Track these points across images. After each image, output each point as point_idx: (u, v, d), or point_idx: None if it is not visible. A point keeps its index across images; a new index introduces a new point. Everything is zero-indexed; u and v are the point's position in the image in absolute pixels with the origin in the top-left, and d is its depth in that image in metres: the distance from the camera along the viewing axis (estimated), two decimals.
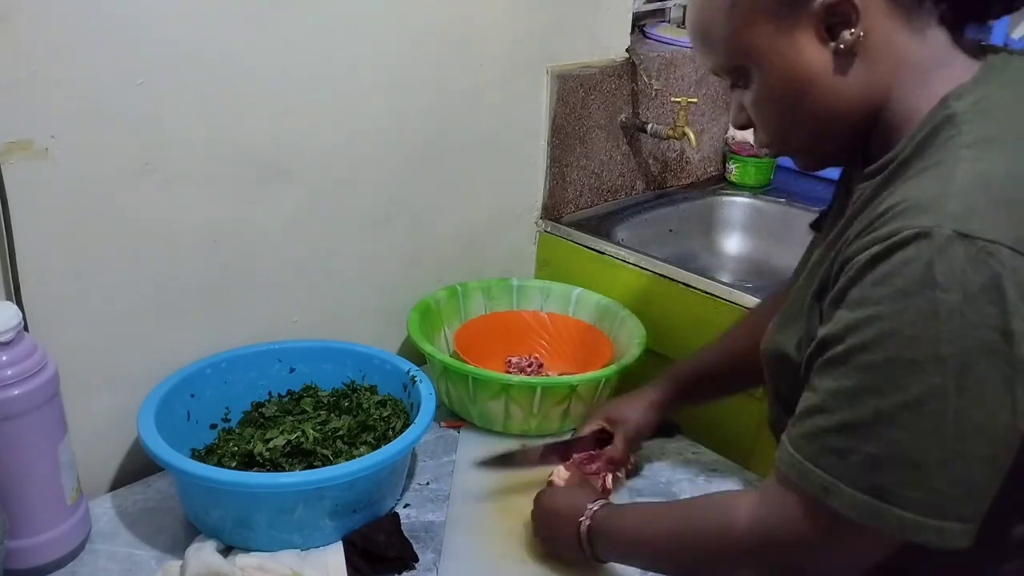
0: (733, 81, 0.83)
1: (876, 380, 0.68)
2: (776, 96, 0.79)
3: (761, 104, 0.81)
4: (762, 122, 0.83)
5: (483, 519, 1.14)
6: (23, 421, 0.94)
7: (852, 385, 0.70)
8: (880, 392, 0.68)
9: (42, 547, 1.00)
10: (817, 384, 0.73)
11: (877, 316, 0.68)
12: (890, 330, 0.67)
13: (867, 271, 0.69)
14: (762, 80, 0.79)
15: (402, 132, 1.39)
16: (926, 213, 0.67)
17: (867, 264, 0.69)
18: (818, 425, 0.72)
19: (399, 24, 1.31)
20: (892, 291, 0.67)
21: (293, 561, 1.02)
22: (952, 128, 0.72)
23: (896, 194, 0.71)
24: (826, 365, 0.72)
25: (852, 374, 0.69)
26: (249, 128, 1.19)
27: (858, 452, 0.69)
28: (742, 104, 0.83)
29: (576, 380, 1.29)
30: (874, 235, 0.70)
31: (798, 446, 0.73)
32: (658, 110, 1.81)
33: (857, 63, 0.75)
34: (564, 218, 1.70)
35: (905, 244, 0.66)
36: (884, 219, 0.70)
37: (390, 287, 1.47)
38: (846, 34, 0.74)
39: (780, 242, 1.83)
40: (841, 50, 0.75)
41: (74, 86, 1.01)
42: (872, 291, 0.68)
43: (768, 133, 0.83)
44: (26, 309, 1.01)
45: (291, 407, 1.24)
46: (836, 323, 0.71)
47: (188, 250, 1.18)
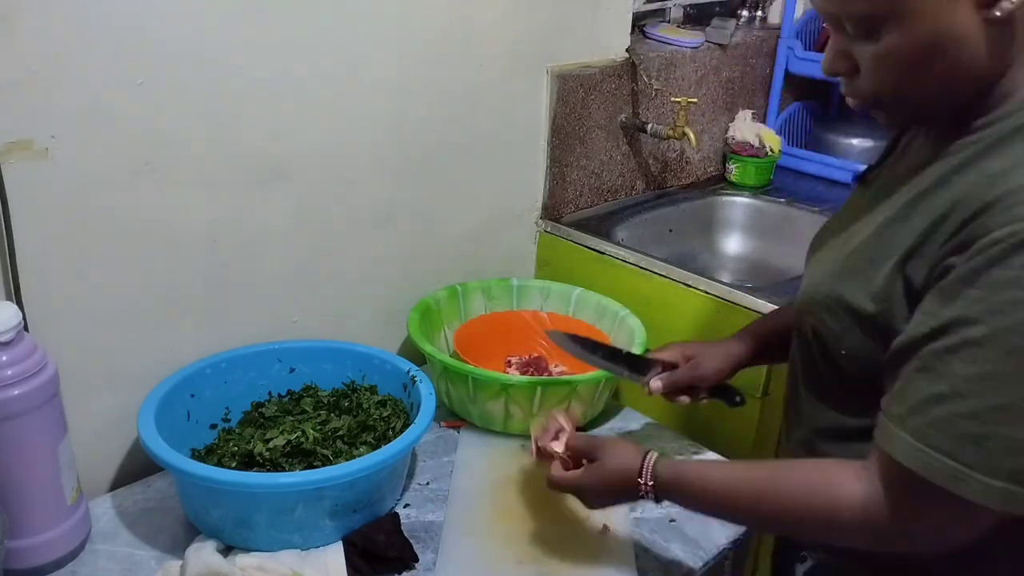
0: (858, 31, 0.77)
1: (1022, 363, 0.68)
2: (911, 53, 0.74)
3: (887, 58, 0.76)
4: (878, 75, 0.77)
5: (481, 520, 1.14)
6: (23, 421, 0.94)
7: (997, 369, 0.68)
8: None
9: (42, 547, 1.00)
10: (944, 370, 0.71)
11: None
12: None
13: (1017, 253, 0.67)
14: (901, 35, 0.74)
15: (402, 132, 1.39)
16: None
17: (1017, 246, 0.67)
18: (951, 411, 0.71)
19: (399, 24, 1.32)
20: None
21: (293, 561, 1.02)
22: None
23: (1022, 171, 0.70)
24: (956, 349, 0.70)
25: (997, 357, 0.68)
26: (249, 128, 1.19)
27: (997, 437, 0.69)
28: (847, 52, 0.78)
29: (576, 380, 1.29)
30: (1016, 212, 0.68)
31: (924, 436, 0.72)
32: (658, 110, 1.81)
33: (1001, 33, 0.73)
34: (564, 218, 1.70)
35: None
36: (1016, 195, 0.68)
37: (390, 287, 1.47)
38: (1006, 3, 0.71)
39: (780, 242, 1.84)
40: (995, 18, 0.72)
41: (74, 86, 1.01)
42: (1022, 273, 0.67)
43: (878, 86, 0.78)
44: (26, 309, 1.01)
45: (291, 407, 1.24)
46: (972, 303, 0.70)
47: (188, 250, 1.18)
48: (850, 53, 0.79)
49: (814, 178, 2.02)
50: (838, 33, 0.79)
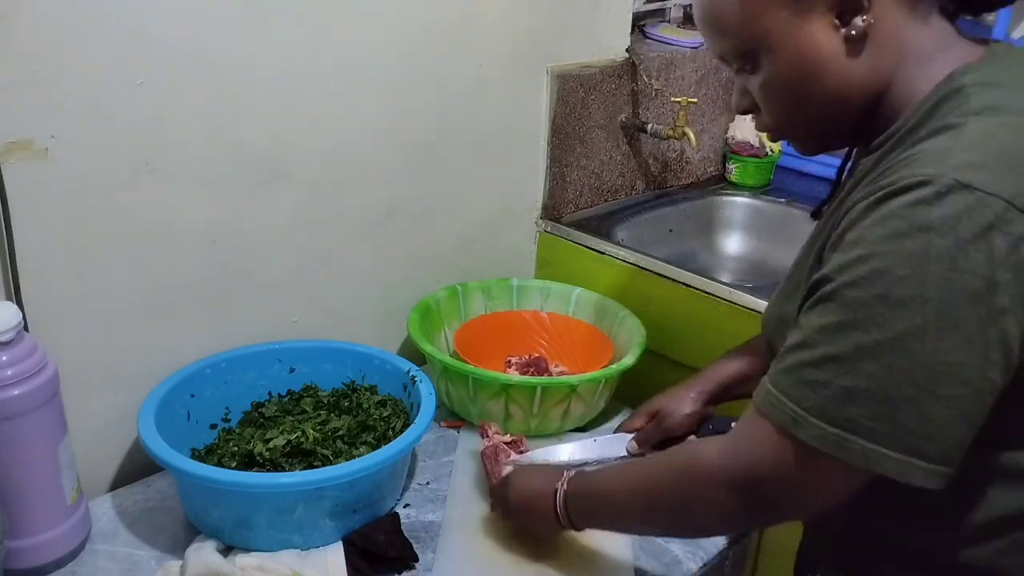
0: (740, 66, 0.84)
1: (861, 316, 0.70)
2: (786, 80, 0.80)
3: (769, 88, 0.82)
4: (768, 106, 0.84)
5: (479, 520, 1.14)
6: (23, 421, 0.94)
7: (837, 320, 0.72)
8: (864, 327, 0.70)
9: (42, 547, 1.00)
10: (803, 322, 0.75)
11: (870, 255, 0.70)
12: (881, 268, 0.69)
13: (867, 214, 0.71)
14: (772, 64, 0.80)
15: (402, 132, 1.39)
16: (930, 163, 0.70)
17: (867, 208, 0.71)
18: (798, 359, 0.74)
19: (399, 24, 1.31)
20: (888, 231, 0.69)
21: (293, 561, 1.02)
22: (960, 98, 0.75)
23: (900, 157, 0.74)
24: (815, 303, 0.74)
25: (839, 310, 0.72)
26: (249, 128, 1.19)
27: (832, 385, 0.71)
28: (746, 89, 0.85)
29: (576, 380, 1.29)
30: (878, 184, 0.72)
31: (775, 381, 0.76)
32: (658, 110, 1.81)
33: (865, 49, 0.78)
34: (564, 218, 1.70)
35: (906, 190, 0.69)
36: (888, 172, 0.73)
37: (390, 287, 1.47)
38: (858, 20, 0.76)
39: (780, 242, 1.83)
40: (852, 36, 0.77)
41: (74, 86, 1.01)
42: (868, 231, 0.71)
43: (773, 117, 0.85)
44: (26, 309, 1.01)
45: (291, 407, 1.24)
46: (830, 265, 0.73)
47: (188, 250, 1.18)
48: (746, 89, 0.85)
49: (814, 178, 2.02)
50: (737, 73, 0.86)
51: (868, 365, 0.70)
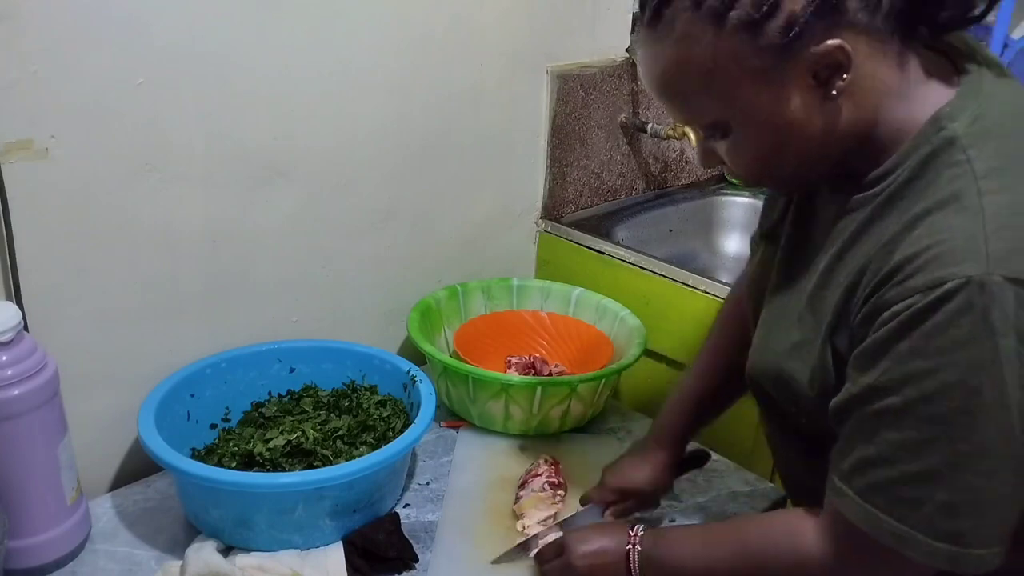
0: (708, 134, 0.79)
1: (944, 430, 0.69)
2: (763, 145, 0.77)
3: (741, 152, 0.78)
4: (740, 165, 0.80)
5: (476, 521, 1.14)
6: (23, 421, 0.94)
7: (919, 437, 0.70)
8: (950, 441, 0.69)
9: (42, 547, 1.00)
10: (873, 435, 0.73)
11: (936, 368, 0.68)
12: (953, 380, 0.67)
13: (916, 324, 0.68)
14: (745, 132, 0.76)
15: (402, 132, 1.39)
16: (967, 259, 0.67)
17: (915, 316, 0.68)
18: (886, 476, 0.72)
19: (399, 24, 1.31)
20: (950, 342, 0.67)
21: (293, 561, 1.02)
22: (957, 152, 0.71)
23: (919, 233, 0.70)
24: (882, 417, 0.72)
25: (917, 426, 0.70)
26: (249, 128, 1.19)
27: (932, 501, 0.70)
28: (712, 150, 0.81)
29: (576, 380, 1.29)
30: (912, 284, 0.69)
31: (867, 497, 0.73)
32: (658, 110, 1.81)
33: (844, 101, 0.74)
34: (564, 218, 1.70)
35: (954, 293, 0.66)
36: (917, 264, 0.69)
37: (390, 287, 1.47)
38: (838, 82, 0.72)
39: None
40: (832, 96, 0.73)
41: (74, 86, 1.01)
42: (926, 343, 0.68)
43: (746, 173, 0.81)
44: (26, 309, 1.01)
45: (291, 407, 1.24)
46: (884, 373, 0.71)
47: (188, 250, 1.18)
48: (713, 149, 0.81)
49: None
50: (704, 139, 0.81)
51: (964, 476, 0.69)
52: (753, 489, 1.23)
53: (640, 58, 0.78)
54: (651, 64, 0.76)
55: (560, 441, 1.33)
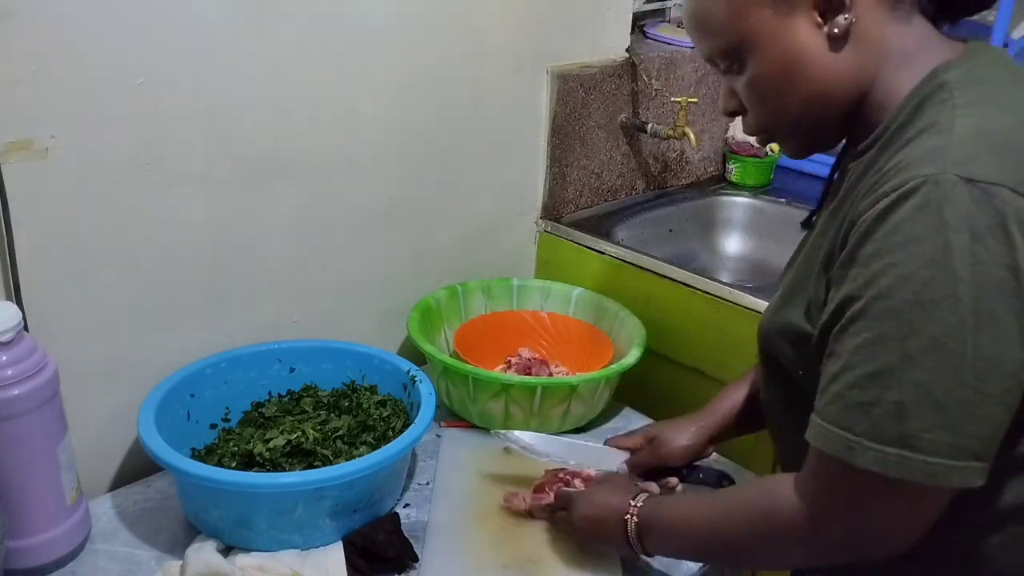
0: (727, 66, 0.85)
1: (896, 325, 0.69)
2: (770, 78, 0.82)
3: (754, 86, 0.83)
4: (753, 105, 0.85)
5: (464, 522, 1.13)
6: (23, 421, 0.94)
7: (873, 335, 0.71)
8: (901, 336, 0.69)
9: (42, 547, 1.00)
10: (839, 348, 0.74)
11: (892, 263, 0.70)
12: (906, 274, 0.69)
13: (878, 225, 0.71)
14: (757, 63, 0.81)
15: (402, 132, 1.39)
16: (929, 163, 0.70)
17: (877, 218, 0.71)
18: (842, 385, 0.73)
19: (399, 24, 1.32)
20: (904, 238, 0.69)
21: (293, 561, 1.02)
22: (944, 93, 0.75)
23: (895, 158, 0.74)
24: (847, 324, 0.73)
25: (873, 325, 0.71)
26: (249, 128, 1.19)
27: (882, 403, 0.70)
28: (733, 89, 0.86)
29: (576, 380, 1.29)
30: (879, 192, 0.72)
31: (822, 412, 0.75)
32: (658, 110, 1.81)
33: (848, 47, 0.79)
34: (564, 218, 1.70)
35: (912, 193, 0.69)
36: (886, 176, 0.72)
37: (390, 287, 1.47)
38: (840, 19, 0.78)
39: (780, 242, 1.83)
40: (834, 34, 0.78)
41: (74, 86, 1.01)
42: (884, 241, 0.70)
43: (758, 117, 0.86)
44: (26, 309, 1.01)
45: (291, 407, 1.23)
46: (852, 282, 0.73)
47: (188, 250, 1.18)
48: (733, 89, 0.87)
49: (814, 178, 2.02)
50: (720, 73, 0.87)
51: (914, 373, 0.69)
52: None
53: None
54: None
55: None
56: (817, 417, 0.75)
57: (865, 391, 0.71)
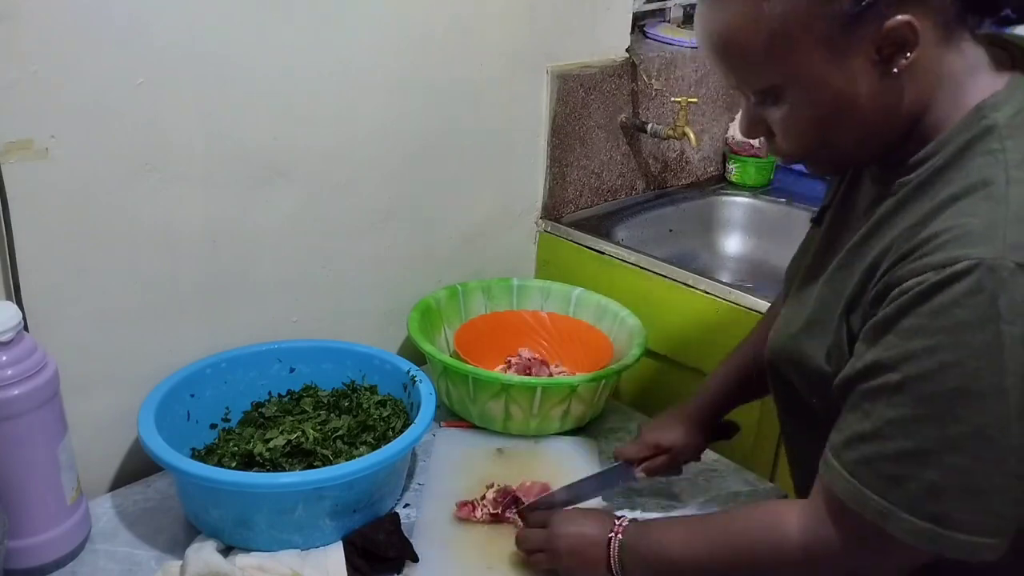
0: (759, 100, 0.78)
1: (937, 410, 0.69)
2: (818, 116, 0.76)
3: (795, 122, 0.77)
4: (790, 138, 0.79)
5: (451, 524, 1.13)
6: (23, 421, 0.94)
7: (912, 414, 0.70)
8: (942, 422, 0.68)
9: (42, 547, 1.00)
10: (869, 410, 0.73)
11: (937, 347, 0.68)
12: (952, 361, 0.67)
13: (923, 301, 0.68)
14: (801, 101, 0.75)
15: (402, 132, 1.39)
16: (984, 242, 0.67)
17: (923, 294, 0.68)
18: (875, 451, 0.72)
19: (399, 24, 1.31)
20: (954, 323, 0.67)
21: (293, 561, 1.02)
22: (994, 141, 0.71)
23: (944, 216, 0.71)
24: (879, 392, 0.72)
25: (911, 404, 0.70)
26: (249, 128, 1.19)
27: (918, 480, 0.70)
28: (761, 117, 0.79)
29: (576, 380, 1.29)
30: (926, 261, 0.69)
31: (854, 472, 0.74)
32: (658, 110, 1.81)
33: (907, 81, 0.73)
34: (564, 218, 1.70)
35: (965, 275, 0.66)
36: (935, 244, 0.69)
37: (390, 287, 1.47)
38: (902, 60, 0.72)
39: (780, 242, 1.83)
40: (893, 73, 0.72)
41: (74, 86, 1.01)
42: (930, 321, 0.68)
43: (794, 147, 0.80)
44: (26, 309, 1.01)
45: (291, 407, 1.23)
46: (887, 350, 0.71)
47: (188, 250, 1.18)
48: (762, 117, 0.79)
49: (814, 178, 2.02)
50: (745, 100, 0.80)
51: (952, 458, 0.69)
52: (753, 489, 1.23)
53: (699, 14, 0.77)
54: (712, 20, 0.75)
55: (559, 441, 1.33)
56: (839, 465, 0.75)
57: (901, 465, 0.71)
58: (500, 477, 1.19)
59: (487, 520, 1.12)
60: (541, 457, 1.28)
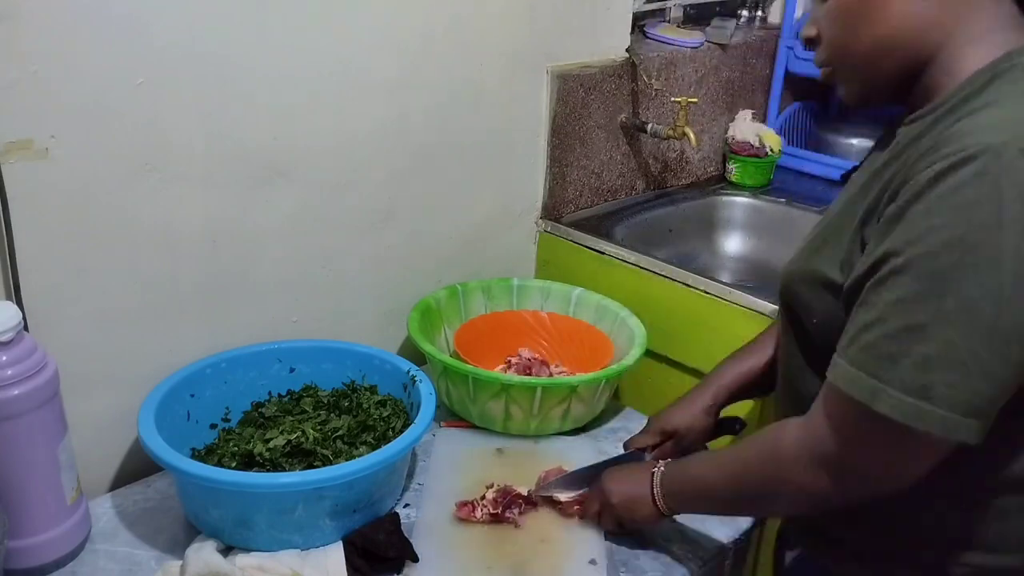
0: None
1: (937, 284, 0.71)
2: (847, 9, 0.83)
3: (832, 14, 0.85)
4: (828, 34, 0.86)
5: (450, 524, 1.13)
6: (23, 421, 0.94)
7: (914, 291, 0.72)
8: (941, 295, 0.71)
9: (42, 547, 1.00)
10: (874, 299, 0.75)
11: (943, 225, 0.71)
12: (956, 237, 0.70)
13: (932, 186, 0.72)
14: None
15: (402, 132, 1.39)
16: (991, 132, 0.71)
17: (932, 180, 0.72)
18: (875, 335, 0.74)
19: (399, 24, 1.31)
20: (960, 201, 0.70)
21: (293, 561, 1.02)
22: (1015, 74, 0.76)
23: (956, 126, 0.74)
24: (885, 279, 0.75)
25: (914, 281, 0.72)
26: (249, 128, 1.19)
27: (911, 354, 0.72)
28: (817, 17, 0.88)
29: (576, 381, 1.29)
30: (936, 155, 0.72)
31: (851, 358, 0.76)
32: (658, 110, 1.81)
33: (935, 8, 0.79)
34: (564, 218, 1.70)
35: (971, 159, 0.70)
36: (945, 141, 0.73)
37: (390, 287, 1.47)
38: None
39: (780, 242, 1.83)
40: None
41: (74, 86, 1.01)
42: (938, 203, 0.71)
43: (828, 48, 0.87)
44: (26, 309, 1.01)
45: (291, 407, 1.24)
46: (896, 237, 0.74)
47: (188, 250, 1.18)
48: (817, 19, 0.88)
49: (814, 178, 2.02)
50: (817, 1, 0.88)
51: (945, 330, 0.71)
52: None
53: None
54: None
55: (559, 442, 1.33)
56: (843, 359, 0.77)
57: (896, 342, 0.73)
58: (500, 477, 1.19)
59: (487, 520, 1.12)
60: (541, 457, 1.28)
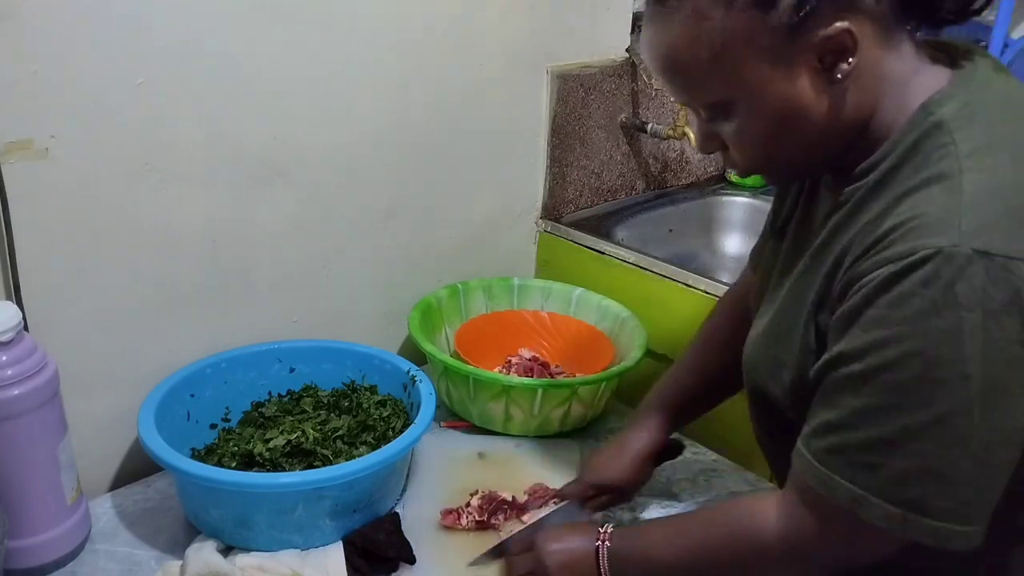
0: (709, 116, 0.80)
1: (902, 398, 0.69)
2: (767, 128, 0.77)
3: (746, 135, 0.78)
4: (743, 150, 0.80)
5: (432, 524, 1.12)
6: (23, 421, 0.94)
7: (877, 403, 0.70)
8: (907, 410, 0.69)
9: (42, 547, 1.00)
10: (836, 400, 0.73)
11: (899, 336, 0.68)
12: (914, 350, 0.68)
13: (883, 291, 0.69)
14: (750, 113, 0.76)
15: (402, 132, 1.39)
16: (941, 231, 0.67)
17: (883, 284, 0.69)
18: (844, 441, 0.73)
19: (399, 24, 1.31)
20: (913, 312, 0.67)
21: (293, 561, 1.02)
22: (943, 135, 0.73)
23: (902, 209, 0.71)
24: (845, 382, 0.73)
25: (876, 393, 0.70)
26: (249, 128, 1.19)
27: (887, 467, 0.70)
28: (714, 132, 0.81)
29: (577, 382, 1.29)
30: (886, 254, 0.70)
31: (824, 460, 0.74)
32: (658, 110, 1.81)
33: (849, 89, 0.75)
34: (564, 218, 1.70)
35: (923, 263, 0.67)
36: (893, 237, 0.70)
37: (390, 287, 1.47)
38: (843, 65, 0.73)
39: None
40: (837, 79, 0.74)
41: (74, 86, 1.01)
42: (891, 312, 0.69)
43: (747, 159, 0.81)
44: (26, 309, 1.01)
45: (291, 407, 1.24)
46: (852, 341, 0.72)
47: (188, 250, 1.18)
48: (715, 132, 0.81)
49: None
50: (697, 116, 0.82)
51: (920, 445, 0.69)
52: (753, 489, 1.23)
53: (645, 35, 0.78)
54: (657, 41, 0.77)
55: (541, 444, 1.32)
56: (814, 460, 0.75)
57: (869, 454, 0.71)
58: (482, 482, 1.18)
59: (472, 528, 1.12)
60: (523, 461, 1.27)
